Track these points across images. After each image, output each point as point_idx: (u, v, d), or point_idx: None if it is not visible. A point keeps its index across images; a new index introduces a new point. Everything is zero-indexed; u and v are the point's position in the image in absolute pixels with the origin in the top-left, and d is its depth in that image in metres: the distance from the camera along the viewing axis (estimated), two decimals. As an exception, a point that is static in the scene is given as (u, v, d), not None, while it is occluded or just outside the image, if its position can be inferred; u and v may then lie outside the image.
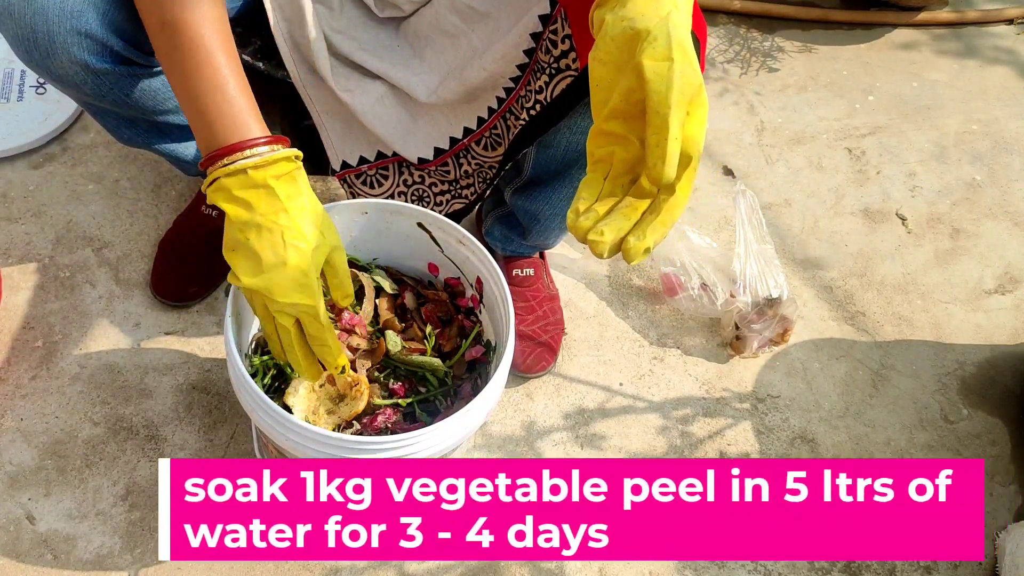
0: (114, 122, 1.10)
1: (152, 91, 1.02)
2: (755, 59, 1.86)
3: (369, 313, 1.10)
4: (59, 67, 0.93)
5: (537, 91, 1.03)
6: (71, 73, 0.94)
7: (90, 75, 0.94)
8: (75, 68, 0.93)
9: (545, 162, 1.12)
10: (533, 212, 1.22)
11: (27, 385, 1.25)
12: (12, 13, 0.90)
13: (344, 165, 1.22)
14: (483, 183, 1.22)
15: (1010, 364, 1.49)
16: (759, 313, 1.37)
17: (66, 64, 0.92)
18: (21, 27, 0.90)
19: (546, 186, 1.17)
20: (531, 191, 1.19)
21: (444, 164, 1.21)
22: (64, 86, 0.97)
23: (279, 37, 1.08)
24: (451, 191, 1.25)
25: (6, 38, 0.93)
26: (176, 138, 1.15)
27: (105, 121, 1.10)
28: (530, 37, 1.02)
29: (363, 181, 1.25)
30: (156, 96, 1.03)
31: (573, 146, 1.07)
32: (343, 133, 1.18)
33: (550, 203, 1.19)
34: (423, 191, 1.26)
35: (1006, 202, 1.71)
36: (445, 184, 1.25)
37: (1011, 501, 1.35)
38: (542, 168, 1.14)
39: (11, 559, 1.12)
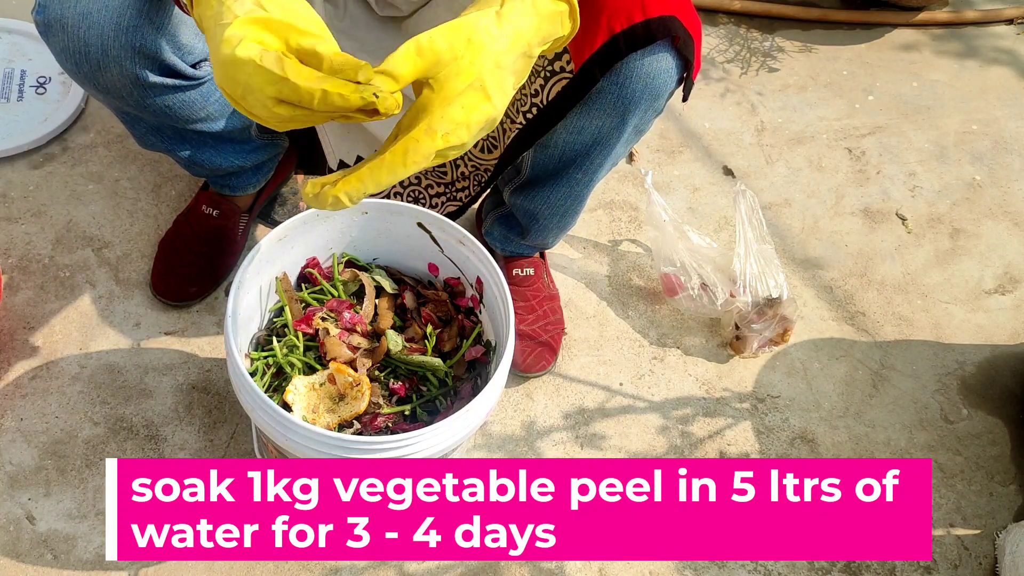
0: (142, 129, 1.12)
1: (190, 103, 1.04)
2: (755, 59, 1.86)
3: (369, 313, 1.10)
4: (109, 80, 0.94)
5: (532, 94, 1.03)
6: (120, 86, 0.95)
7: (138, 88, 0.96)
8: (125, 82, 0.95)
9: (543, 162, 1.12)
10: (532, 212, 1.23)
11: (27, 385, 1.25)
12: (65, 27, 0.90)
13: (341, 164, 1.22)
14: (478, 186, 1.22)
15: (1010, 364, 1.49)
16: (759, 313, 1.37)
17: (117, 78, 0.94)
18: (74, 41, 0.91)
19: (544, 186, 1.17)
20: (530, 191, 1.20)
21: (441, 165, 1.21)
22: (108, 97, 0.98)
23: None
24: (447, 193, 1.25)
25: (53, 50, 0.93)
26: (196, 145, 1.17)
27: (135, 128, 1.12)
28: None
29: None
30: (192, 107, 1.05)
31: (571, 145, 1.07)
32: (342, 133, 1.18)
33: (548, 203, 1.19)
34: (419, 192, 1.27)
35: (1006, 202, 1.71)
36: (441, 186, 1.25)
37: (1011, 501, 1.35)
38: (540, 168, 1.14)
39: (11, 559, 1.12)
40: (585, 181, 1.13)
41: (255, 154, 1.27)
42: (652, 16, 0.92)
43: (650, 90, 0.98)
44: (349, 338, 1.08)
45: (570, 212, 1.22)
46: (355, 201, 0.69)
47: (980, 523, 1.32)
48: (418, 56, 0.67)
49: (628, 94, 0.98)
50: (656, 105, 1.01)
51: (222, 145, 1.21)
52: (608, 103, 0.99)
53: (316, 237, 1.11)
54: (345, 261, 1.15)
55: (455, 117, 0.68)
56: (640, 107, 0.99)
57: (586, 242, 1.52)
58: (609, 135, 1.04)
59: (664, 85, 0.98)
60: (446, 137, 0.68)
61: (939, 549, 1.29)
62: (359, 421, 1.03)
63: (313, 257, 1.13)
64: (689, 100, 1.75)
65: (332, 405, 1.03)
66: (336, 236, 1.12)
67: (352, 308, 1.10)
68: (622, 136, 1.04)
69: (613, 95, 0.98)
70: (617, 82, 0.97)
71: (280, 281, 1.10)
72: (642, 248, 1.53)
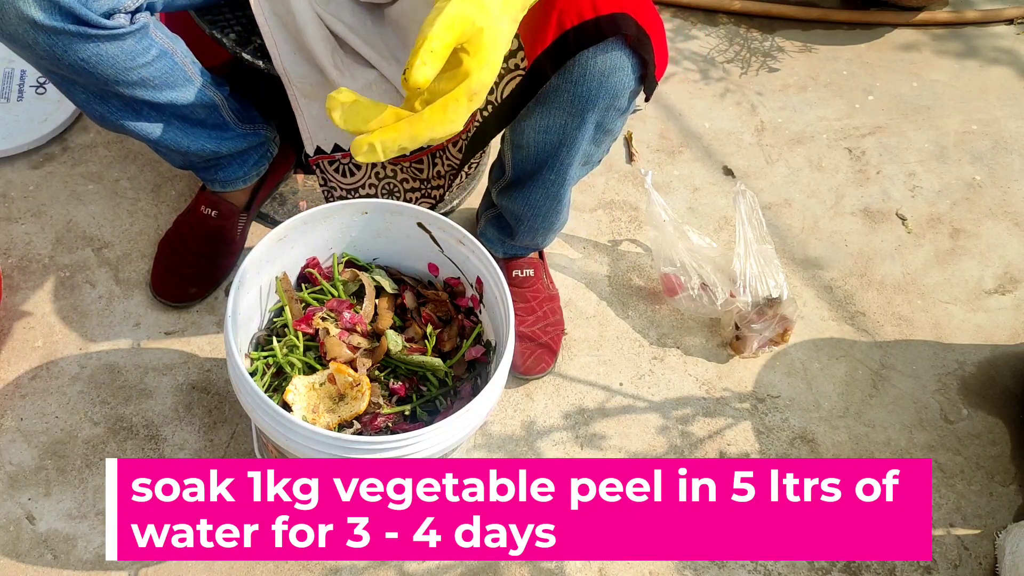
0: (83, 96, 1.07)
1: (110, 58, 0.99)
2: (755, 59, 1.86)
3: (369, 313, 1.10)
4: (8, 25, 0.91)
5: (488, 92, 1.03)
6: (20, 32, 0.92)
7: (41, 33, 0.92)
8: (24, 26, 0.91)
9: (521, 163, 1.12)
10: (516, 213, 1.23)
11: (27, 385, 1.25)
12: None
13: (318, 151, 1.22)
14: (449, 183, 1.23)
15: (1010, 364, 1.49)
16: (759, 313, 1.37)
17: (15, 21, 0.91)
18: None
19: (524, 187, 1.17)
20: (512, 192, 1.20)
21: (419, 161, 1.21)
22: (17, 47, 0.95)
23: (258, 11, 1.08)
24: (421, 189, 1.25)
25: None
26: (149, 118, 1.12)
27: (74, 95, 1.07)
28: None
29: (335, 168, 1.25)
30: (115, 64, 1.00)
31: (542, 145, 1.07)
32: (320, 118, 1.17)
33: (528, 203, 1.19)
34: (394, 185, 1.26)
35: (1006, 202, 1.71)
36: (416, 182, 1.25)
37: (1011, 501, 1.35)
38: (520, 169, 1.14)
39: (11, 559, 1.12)
40: (559, 182, 1.13)
41: (233, 142, 1.24)
42: (603, 13, 0.92)
43: (606, 88, 0.97)
44: (349, 338, 1.08)
45: (551, 212, 1.21)
46: (387, 153, 0.76)
47: (980, 523, 1.32)
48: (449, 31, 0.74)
49: (583, 92, 0.97)
50: (617, 104, 1.00)
51: (191, 128, 1.17)
52: (565, 101, 0.99)
53: (316, 237, 1.11)
54: (345, 261, 1.15)
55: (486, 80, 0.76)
56: (598, 105, 0.99)
57: (586, 242, 1.52)
58: (572, 134, 1.03)
59: (621, 84, 0.97)
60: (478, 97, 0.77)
61: (939, 549, 1.29)
62: (359, 421, 1.03)
63: (313, 257, 1.13)
64: (689, 100, 1.76)
65: (332, 405, 1.03)
66: (336, 236, 1.12)
67: (352, 308, 1.10)
68: (585, 134, 1.04)
69: (568, 93, 0.98)
70: (571, 79, 0.97)
71: (280, 281, 1.10)
72: (642, 248, 1.53)
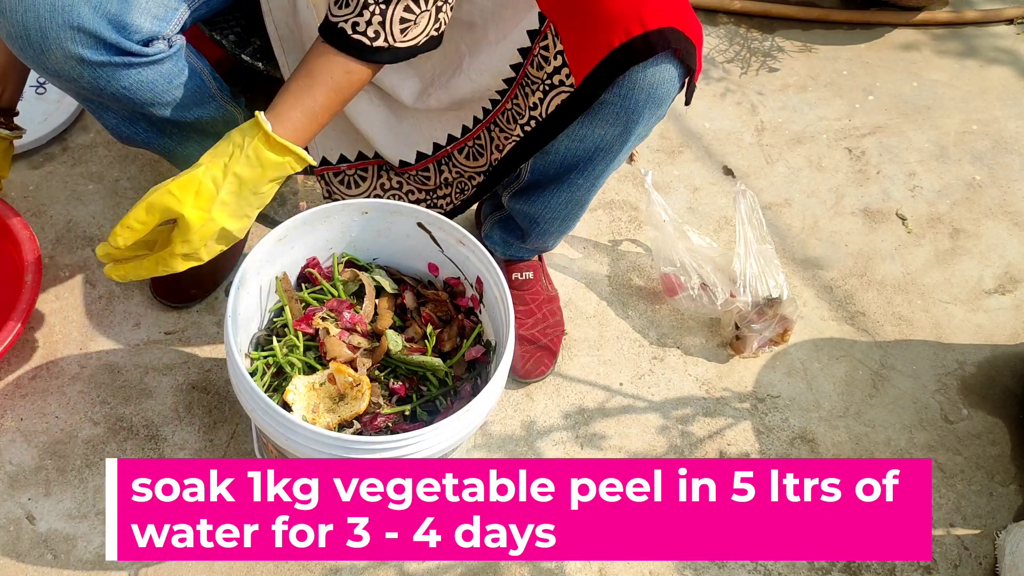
0: (114, 120, 1.09)
1: (148, 83, 1.01)
2: (755, 59, 1.86)
3: (369, 313, 1.10)
4: (54, 63, 0.92)
5: (531, 107, 1.04)
6: (67, 68, 0.93)
7: (86, 68, 0.94)
8: (70, 63, 0.93)
9: (543, 167, 1.13)
10: (532, 216, 1.23)
11: (27, 385, 1.25)
12: (4, 11, 0.90)
13: (324, 162, 1.22)
14: (460, 194, 1.22)
15: (1010, 364, 1.49)
16: (759, 313, 1.37)
17: (61, 60, 0.92)
18: (13, 25, 0.90)
19: (544, 190, 1.17)
20: (529, 195, 1.20)
21: (425, 170, 1.21)
22: (61, 81, 0.96)
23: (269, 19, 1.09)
24: (427, 199, 1.26)
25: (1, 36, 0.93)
26: (175, 137, 1.15)
27: (105, 119, 1.10)
28: (518, 52, 1.03)
29: (341, 180, 1.26)
30: (153, 88, 1.02)
31: (572, 152, 1.08)
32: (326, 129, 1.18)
33: (548, 207, 1.19)
34: (400, 197, 1.27)
35: (1006, 202, 1.71)
36: (423, 192, 1.25)
37: (1011, 501, 1.35)
38: (540, 173, 1.14)
39: (11, 559, 1.12)
40: (587, 186, 1.14)
41: None
42: (651, 28, 0.92)
43: (653, 99, 0.98)
44: (349, 338, 1.08)
45: (572, 215, 1.22)
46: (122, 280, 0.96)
47: (980, 523, 1.32)
48: (148, 214, 0.90)
49: (632, 105, 0.98)
50: (660, 112, 1.02)
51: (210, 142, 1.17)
52: (612, 114, 1.00)
53: (316, 237, 1.10)
54: (345, 261, 1.15)
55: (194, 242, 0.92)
56: (644, 116, 1.00)
57: (586, 242, 1.53)
58: (613, 143, 1.05)
59: (667, 94, 0.99)
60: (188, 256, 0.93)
61: (939, 549, 1.29)
62: (359, 421, 1.03)
63: (313, 257, 1.13)
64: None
65: (332, 405, 1.03)
66: (336, 236, 1.12)
67: (352, 308, 1.10)
68: (626, 143, 1.05)
69: (617, 106, 0.99)
70: (620, 94, 0.98)
71: (280, 281, 1.10)
72: (642, 248, 1.53)
